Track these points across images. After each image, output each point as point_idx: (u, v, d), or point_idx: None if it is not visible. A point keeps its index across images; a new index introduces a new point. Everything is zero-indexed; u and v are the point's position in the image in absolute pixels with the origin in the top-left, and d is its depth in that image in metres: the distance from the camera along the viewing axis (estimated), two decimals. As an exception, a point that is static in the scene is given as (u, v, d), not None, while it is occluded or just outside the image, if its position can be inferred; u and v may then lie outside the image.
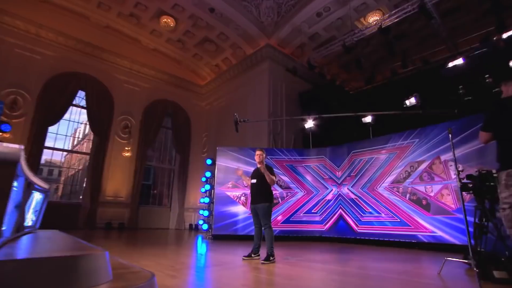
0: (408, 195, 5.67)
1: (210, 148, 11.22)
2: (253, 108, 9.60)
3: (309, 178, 7.32)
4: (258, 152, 3.98)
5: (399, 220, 5.72)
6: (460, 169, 4.87)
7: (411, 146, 5.80)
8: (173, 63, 11.56)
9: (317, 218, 7.02)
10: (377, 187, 6.22)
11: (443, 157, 5.24)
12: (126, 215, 9.44)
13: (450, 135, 3.12)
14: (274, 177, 3.85)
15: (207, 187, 7.46)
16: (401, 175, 5.85)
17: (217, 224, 6.89)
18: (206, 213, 7.30)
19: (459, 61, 4.50)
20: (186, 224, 10.75)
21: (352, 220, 6.52)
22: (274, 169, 4.17)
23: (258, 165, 3.92)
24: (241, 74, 10.72)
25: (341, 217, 6.76)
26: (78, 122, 9.98)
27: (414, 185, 5.62)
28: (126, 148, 9.83)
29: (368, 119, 6.97)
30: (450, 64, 4.61)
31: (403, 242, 5.53)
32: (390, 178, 6.03)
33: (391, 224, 5.83)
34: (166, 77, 11.39)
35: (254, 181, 3.93)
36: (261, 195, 3.83)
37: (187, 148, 11.50)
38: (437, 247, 4.98)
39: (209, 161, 7.61)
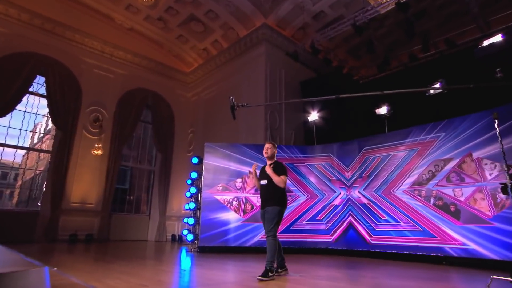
0: (432, 200, 5.53)
1: (197, 146, 11.11)
2: (248, 99, 9.36)
3: (313, 179, 7.22)
4: (267, 145, 3.90)
5: (421, 229, 5.57)
6: (497, 168, 4.67)
7: (435, 141, 5.66)
8: (153, 46, 11.31)
9: (323, 227, 6.91)
10: (395, 190, 6.08)
11: (475, 154, 5.07)
12: (95, 225, 9.13)
13: (496, 122, 2.83)
14: (283, 177, 3.70)
15: (193, 190, 7.33)
16: (424, 175, 5.72)
17: (204, 234, 6.78)
18: (191, 221, 7.16)
19: (497, 38, 4.27)
20: (168, 234, 10.60)
21: (365, 229, 6.38)
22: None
23: (267, 162, 3.89)
24: (234, 60, 10.55)
25: (351, 225, 6.64)
26: (36, 114, 9.51)
27: (439, 187, 5.47)
28: (97, 145, 9.50)
29: (383, 110, 6.85)
30: (485, 43, 4.38)
31: (427, 256, 5.36)
32: (410, 180, 5.91)
33: (411, 234, 5.68)
34: (145, 62, 11.15)
35: (264, 182, 3.82)
36: (272, 198, 3.72)
37: (170, 145, 11.31)
38: (469, 263, 4.82)
39: (195, 160, 7.48)
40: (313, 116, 8.09)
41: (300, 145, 8.23)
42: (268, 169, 3.74)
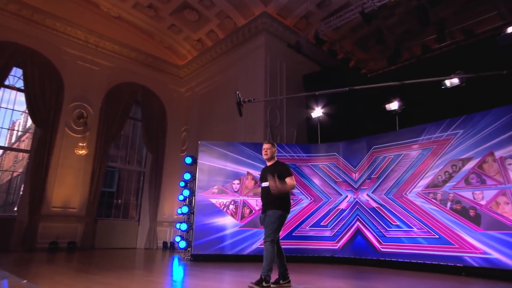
0: (449, 204, 5.46)
1: (190, 145, 11.08)
2: (246, 94, 8.99)
3: (317, 181, 7.22)
4: (265, 146, 3.87)
5: (437, 236, 5.51)
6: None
7: (452, 139, 5.59)
8: (143, 36, 11.23)
9: (328, 233, 6.92)
10: (407, 193, 6.04)
11: (498, 153, 4.98)
12: (78, 232, 9.02)
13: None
14: (289, 179, 3.60)
15: (186, 193, 7.32)
16: (440, 177, 5.66)
17: (198, 241, 6.78)
18: (184, 226, 7.14)
19: (523, 24, 4.16)
20: (159, 242, 10.54)
21: (374, 235, 6.37)
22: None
23: (267, 163, 3.89)
24: (231, 52, 10.50)
25: (358, 231, 6.63)
26: (13, 110, 9.32)
27: (457, 190, 5.40)
28: (81, 144, 9.37)
29: (393, 105, 6.82)
30: (509, 30, 4.27)
31: (444, 266, 5.31)
32: (424, 181, 5.86)
33: (426, 242, 5.64)
34: (134, 54, 11.06)
35: (265, 184, 3.75)
36: (273, 201, 3.66)
37: (162, 145, 11.25)
38: (492, 274, 4.74)
39: (188, 160, 7.47)
40: (317, 112, 8.03)
41: (303, 144, 8.19)
42: (271, 182, 3.50)
